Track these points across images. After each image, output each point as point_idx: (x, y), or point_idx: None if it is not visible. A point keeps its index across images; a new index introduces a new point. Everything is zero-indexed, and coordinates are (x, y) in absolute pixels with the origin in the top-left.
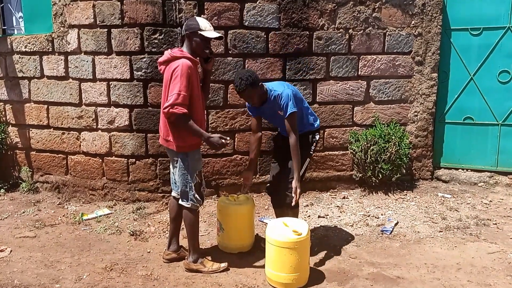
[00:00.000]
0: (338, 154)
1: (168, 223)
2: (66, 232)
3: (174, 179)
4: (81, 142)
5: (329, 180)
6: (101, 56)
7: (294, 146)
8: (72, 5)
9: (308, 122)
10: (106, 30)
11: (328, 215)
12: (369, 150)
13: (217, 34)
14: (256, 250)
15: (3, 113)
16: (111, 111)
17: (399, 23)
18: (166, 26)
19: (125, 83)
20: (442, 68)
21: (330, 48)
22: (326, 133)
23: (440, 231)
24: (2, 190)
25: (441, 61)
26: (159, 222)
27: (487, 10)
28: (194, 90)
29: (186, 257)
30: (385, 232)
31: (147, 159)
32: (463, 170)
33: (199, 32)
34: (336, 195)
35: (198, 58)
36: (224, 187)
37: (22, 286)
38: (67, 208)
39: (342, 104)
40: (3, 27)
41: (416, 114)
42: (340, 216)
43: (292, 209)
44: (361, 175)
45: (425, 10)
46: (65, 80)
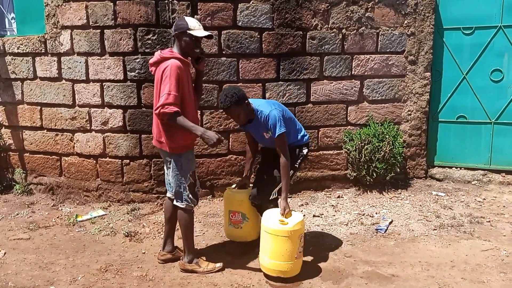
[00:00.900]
0: (333, 154)
1: (163, 224)
2: (61, 233)
3: (168, 180)
4: (74, 143)
5: (323, 179)
6: (94, 57)
7: (284, 166)
8: (64, 6)
9: (296, 139)
10: (99, 31)
11: (323, 215)
12: (363, 149)
13: (206, 33)
14: (251, 249)
15: None
16: (105, 112)
17: (392, 23)
18: (159, 26)
19: (118, 84)
20: (435, 67)
21: (323, 48)
22: (320, 132)
23: (434, 229)
24: None
25: (434, 60)
26: (154, 223)
27: (479, 10)
28: (185, 91)
29: (181, 257)
30: (379, 230)
31: (142, 160)
32: (457, 168)
33: (188, 31)
34: (330, 195)
35: (190, 59)
36: (218, 187)
37: None
38: (61, 209)
39: (336, 103)
40: None
41: (409, 113)
42: (335, 215)
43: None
44: (355, 174)
45: (417, 10)
46: (58, 81)
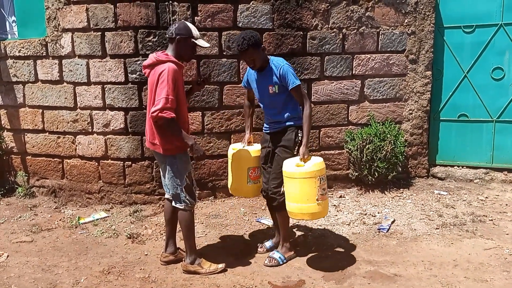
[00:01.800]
0: (334, 153)
1: (164, 225)
2: (63, 236)
3: (165, 182)
4: (76, 145)
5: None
6: (95, 59)
7: (308, 113)
8: (65, 9)
9: (299, 112)
10: (100, 33)
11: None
12: (364, 149)
13: (208, 44)
14: (253, 250)
15: None
16: (106, 114)
17: (392, 22)
18: (160, 28)
19: (119, 86)
20: (436, 66)
21: (324, 48)
22: (322, 132)
23: (436, 228)
24: None
25: (434, 59)
26: (156, 225)
27: (479, 8)
28: (180, 94)
29: (184, 258)
30: (382, 230)
31: (143, 162)
32: (459, 167)
33: (192, 40)
34: (332, 194)
35: (184, 63)
36: (220, 188)
37: None
38: (64, 212)
39: (337, 103)
40: None
41: (411, 112)
42: (337, 215)
43: (279, 212)
44: (357, 174)
45: (418, 9)
46: (59, 84)
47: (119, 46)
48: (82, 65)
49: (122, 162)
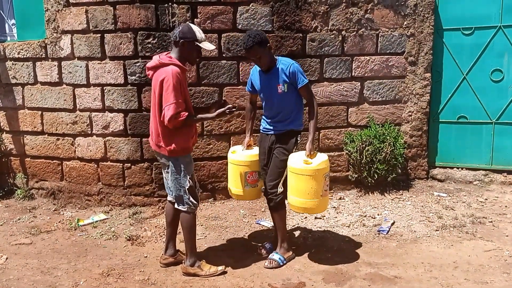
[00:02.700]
0: (334, 155)
1: (164, 227)
2: (62, 238)
3: (168, 184)
4: (76, 147)
5: None
6: (94, 61)
7: (315, 112)
8: (64, 11)
9: (301, 119)
10: (99, 35)
11: (324, 216)
12: (364, 151)
13: (213, 47)
14: (253, 252)
15: None
16: (106, 116)
17: (392, 24)
18: (159, 30)
19: (119, 88)
20: (435, 68)
21: (323, 50)
22: (321, 134)
23: (436, 230)
24: None
25: (434, 61)
26: (156, 227)
27: (479, 10)
28: (185, 96)
29: (183, 261)
30: (381, 232)
31: (143, 164)
32: (458, 169)
33: (196, 43)
34: (332, 196)
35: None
36: (220, 190)
37: None
38: (63, 214)
39: (337, 105)
40: None
41: (410, 114)
42: (336, 217)
43: (277, 211)
44: (357, 176)
45: (417, 11)
46: (59, 86)
47: (119, 48)
48: (81, 67)
49: (121, 164)
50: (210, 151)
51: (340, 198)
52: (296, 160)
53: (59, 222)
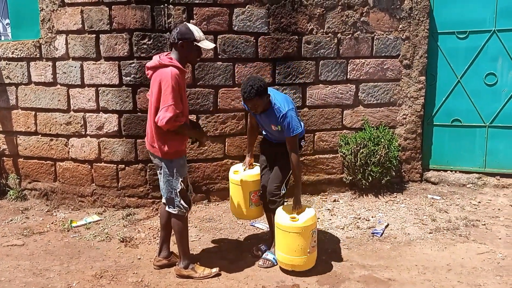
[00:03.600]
0: (328, 158)
1: (158, 229)
2: (55, 239)
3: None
4: (69, 148)
5: (319, 183)
6: (89, 61)
7: (295, 164)
8: (59, 10)
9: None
10: (94, 35)
11: (319, 219)
12: (359, 153)
13: (212, 45)
14: (247, 254)
15: None
16: (100, 117)
17: (387, 27)
18: (155, 31)
19: (114, 89)
20: (429, 71)
21: (319, 52)
22: (316, 136)
23: (430, 233)
24: None
25: (428, 64)
26: (149, 228)
27: (473, 14)
28: (183, 97)
29: (177, 263)
30: (375, 234)
31: (137, 165)
32: (452, 171)
33: (195, 43)
34: (326, 198)
35: (189, 66)
36: (214, 192)
37: None
38: (56, 215)
39: (332, 107)
40: None
41: (404, 117)
42: (331, 219)
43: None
44: (351, 178)
45: (412, 14)
46: (53, 86)
47: (114, 49)
48: (76, 67)
49: (115, 165)
50: (204, 153)
51: (334, 201)
52: (283, 216)
53: (52, 223)
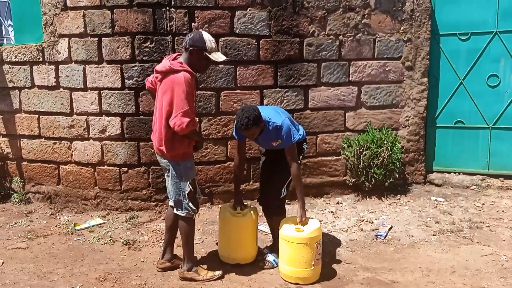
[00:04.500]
0: (331, 160)
1: (161, 232)
2: (59, 242)
3: (169, 188)
4: (72, 151)
5: (322, 185)
6: (92, 65)
7: (296, 175)
8: (62, 14)
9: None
10: (96, 39)
11: (322, 221)
12: (361, 155)
13: (223, 58)
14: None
15: None
16: (103, 120)
17: (389, 29)
18: (157, 34)
19: (116, 92)
20: (432, 73)
21: (321, 54)
22: (318, 138)
23: (433, 235)
24: None
25: (430, 66)
26: (153, 231)
27: (475, 16)
28: (193, 102)
29: (181, 265)
30: (379, 236)
31: (140, 168)
32: (456, 173)
33: (205, 53)
34: (330, 201)
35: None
36: (217, 195)
37: None
38: (60, 218)
39: (334, 110)
40: None
41: (407, 119)
42: (334, 221)
43: (274, 216)
44: (354, 180)
45: (414, 16)
46: (56, 89)
47: (116, 52)
48: (78, 70)
49: (118, 168)
50: (207, 156)
51: (337, 203)
52: (288, 227)
53: (56, 226)
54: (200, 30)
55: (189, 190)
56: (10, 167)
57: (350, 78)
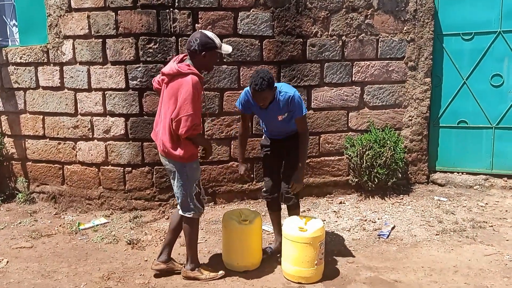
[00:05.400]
0: (334, 160)
1: (165, 231)
2: (63, 242)
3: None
4: (77, 151)
5: (325, 185)
6: (96, 66)
7: (305, 141)
8: (66, 16)
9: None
10: (101, 40)
11: (325, 221)
12: (364, 155)
13: (230, 48)
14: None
15: None
16: (107, 121)
17: (392, 29)
18: (160, 35)
19: (120, 93)
20: (435, 72)
21: (323, 55)
22: (321, 138)
23: (436, 234)
24: None
25: (434, 66)
26: (156, 231)
27: (478, 15)
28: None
29: (184, 265)
30: (382, 236)
31: (143, 168)
32: (459, 173)
33: (217, 50)
34: (332, 200)
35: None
36: (220, 194)
37: None
38: (64, 218)
39: (337, 110)
40: None
41: (410, 118)
42: (337, 221)
43: (294, 210)
44: (357, 180)
45: (417, 16)
46: (60, 90)
47: (120, 53)
48: (83, 71)
49: (122, 168)
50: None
51: (340, 203)
52: (291, 226)
53: (60, 226)
54: (200, 31)
55: (196, 191)
56: (15, 167)
57: (353, 78)
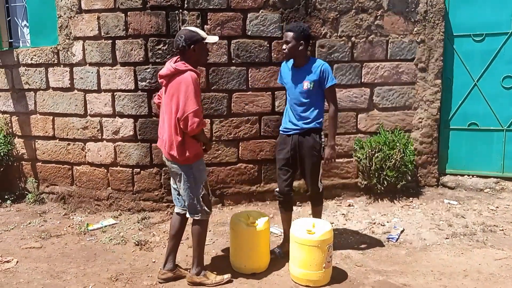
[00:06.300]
0: (343, 162)
1: (168, 239)
2: (72, 242)
3: (177, 194)
4: (86, 152)
5: (334, 188)
6: (105, 67)
7: (334, 115)
8: (77, 17)
9: (322, 117)
10: (110, 41)
11: (333, 223)
12: (373, 157)
13: (216, 37)
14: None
15: (10, 124)
16: (116, 122)
17: (402, 30)
18: (170, 36)
19: (129, 94)
20: (445, 74)
21: (333, 56)
22: None
23: (446, 238)
24: (9, 201)
25: (444, 67)
26: (164, 232)
27: (489, 16)
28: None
29: (189, 269)
30: (391, 239)
31: (152, 169)
32: (469, 176)
33: (204, 41)
34: (341, 203)
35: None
36: (228, 196)
37: None
38: (73, 218)
39: (346, 111)
40: (10, 40)
41: (420, 120)
42: (345, 224)
43: (318, 206)
44: (366, 183)
45: (427, 17)
46: (70, 91)
47: (130, 54)
48: (92, 72)
49: (131, 169)
50: (218, 157)
51: (349, 205)
52: (299, 229)
53: (69, 226)
54: (183, 28)
55: (203, 192)
56: (25, 168)
57: (363, 80)
